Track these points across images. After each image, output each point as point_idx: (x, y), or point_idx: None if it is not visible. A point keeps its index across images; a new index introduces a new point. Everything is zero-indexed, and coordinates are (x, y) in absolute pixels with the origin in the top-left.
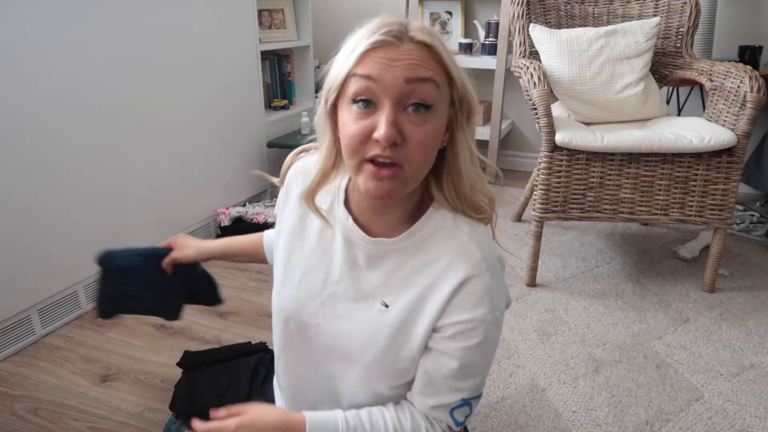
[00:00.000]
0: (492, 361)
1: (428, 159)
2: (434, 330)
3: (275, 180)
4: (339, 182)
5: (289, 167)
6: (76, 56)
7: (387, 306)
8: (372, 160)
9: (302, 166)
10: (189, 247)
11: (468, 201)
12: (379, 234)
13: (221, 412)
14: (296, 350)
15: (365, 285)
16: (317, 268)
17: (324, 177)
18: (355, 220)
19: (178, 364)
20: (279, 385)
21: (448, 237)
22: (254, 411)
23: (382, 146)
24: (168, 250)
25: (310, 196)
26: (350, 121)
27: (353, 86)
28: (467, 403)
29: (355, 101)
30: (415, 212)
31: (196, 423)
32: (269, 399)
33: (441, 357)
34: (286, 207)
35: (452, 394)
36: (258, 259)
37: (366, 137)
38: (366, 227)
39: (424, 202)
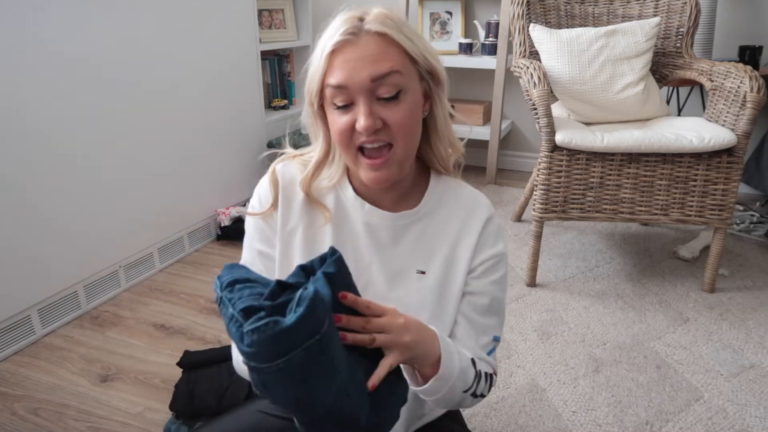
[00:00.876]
0: (506, 299)
1: (413, 134)
2: (469, 273)
3: (267, 210)
4: (332, 180)
5: (276, 185)
6: (76, 57)
7: (423, 272)
8: (363, 150)
9: (290, 176)
10: None
11: (447, 158)
12: (395, 209)
13: (363, 299)
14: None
15: (395, 261)
16: (345, 260)
17: (318, 167)
18: (375, 203)
19: (178, 364)
20: None
21: (456, 194)
22: (399, 312)
23: (366, 134)
24: None
25: (307, 185)
26: (336, 120)
27: (329, 94)
28: (497, 339)
29: (335, 105)
30: (415, 179)
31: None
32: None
33: (473, 297)
34: (290, 220)
35: (486, 335)
36: None
37: (352, 129)
38: (381, 206)
39: (417, 167)
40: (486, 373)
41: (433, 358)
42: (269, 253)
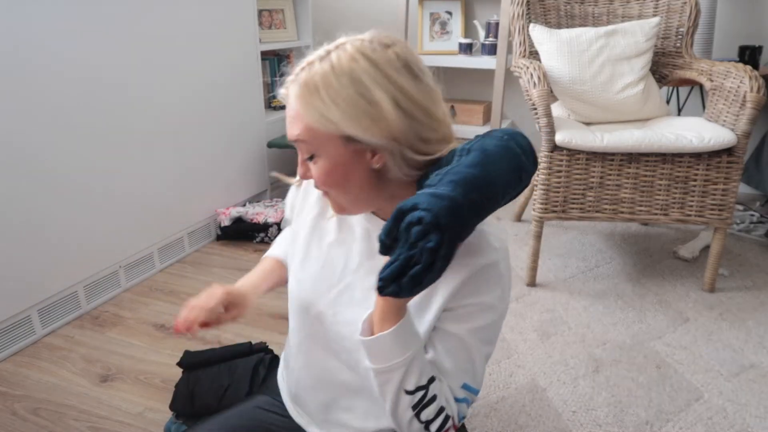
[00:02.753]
0: (489, 357)
1: (340, 185)
2: (445, 310)
3: (294, 180)
4: None
5: None
6: (76, 57)
7: None
8: None
9: None
10: (246, 300)
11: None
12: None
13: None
14: (316, 342)
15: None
16: (336, 259)
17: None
18: (374, 212)
19: (178, 364)
20: (292, 379)
21: None
22: None
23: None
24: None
25: None
26: None
27: None
28: (465, 399)
29: None
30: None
31: None
32: (270, 398)
33: (444, 335)
34: (305, 207)
35: (454, 379)
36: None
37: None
38: (384, 215)
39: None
40: (441, 407)
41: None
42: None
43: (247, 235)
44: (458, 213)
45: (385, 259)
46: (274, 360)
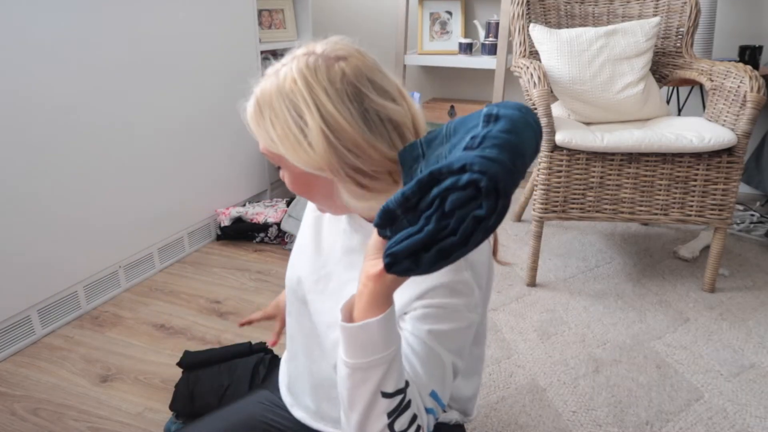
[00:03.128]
0: (456, 374)
1: (308, 195)
2: (405, 312)
3: None
4: None
5: None
6: (76, 57)
7: None
8: None
9: None
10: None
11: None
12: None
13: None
14: (302, 325)
15: (358, 269)
16: (320, 248)
17: None
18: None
19: (179, 364)
20: (289, 368)
21: None
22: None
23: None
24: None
25: None
26: None
27: None
28: (435, 398)
29: None
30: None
31: None
32: (270, 392)
33: (407, 337)
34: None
35: (426, 384)
36: None
37: None
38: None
39: None
40: (414, 414)
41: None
42: None
43: (247, 235)
44: (513, 179)
45: (362, 260)
46: (274, 360)
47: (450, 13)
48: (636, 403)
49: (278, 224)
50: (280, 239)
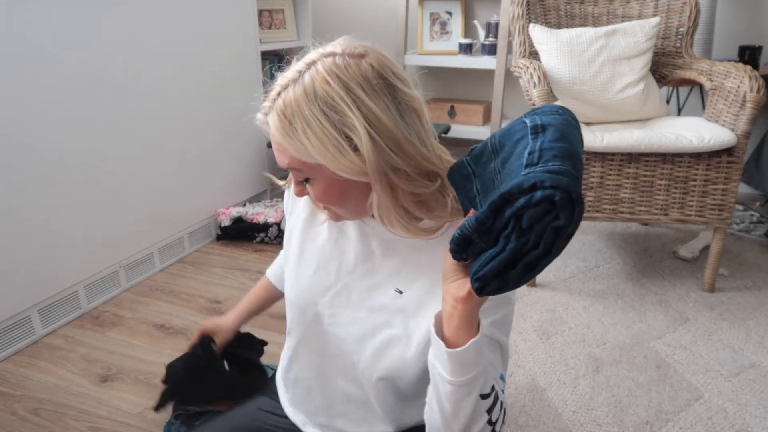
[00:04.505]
0: (508, 341)
1: (340, 203)
2: None
3: (282, 183)
4: None
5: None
6: (76, 57)
7: (401, 292)
8: None
9: None
10: (225, 328)
11: (409, 225)
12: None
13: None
14: (313, 344)
15: (379, 273)
16: (330, 259)
17: None
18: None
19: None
20: (290, 380)
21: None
22: None
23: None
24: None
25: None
26: None
27: None
28: (501, 378)
29: None
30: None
31: None
32: (270, 398)
33: None
34: (297, 205)
35: (497, 371)
36: (275, 298)
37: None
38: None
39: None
40: (501, 401)
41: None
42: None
43: (247, 235)
44: (580, 184)
45: (383, 265)
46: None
47: (450, 13)
48: (636, 403)
49: (278, 224)
50: (280, 239)
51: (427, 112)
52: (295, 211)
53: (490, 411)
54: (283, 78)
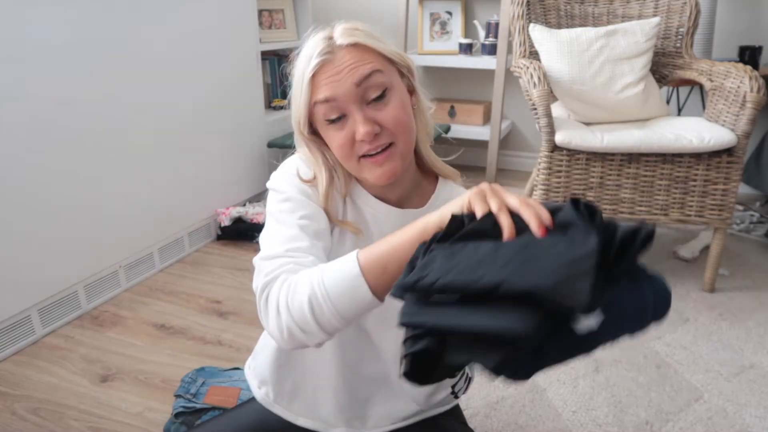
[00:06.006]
0: None
1: (410, 127)
2: None
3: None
4: (341, 192)
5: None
6: (75, 56)
7: None
8: (366, 155)
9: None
10: None
11: (434, 159)
12: (401, 206)
13: None
14: (348, 348)
15: None
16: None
17: (328, 193)
18: (387, 203)
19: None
20: (288, 392)
21: (447, 190)
22: None
23: (368, 141)
24: None
25: (326, 208)
26: (333, 136)
27: (320, 112)
28: None
29: (329, 121)
30: (420, 180)
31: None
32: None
33: None
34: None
35: None
36: None
37: (352, 141)
38: (388, 203)
39: (421, 170)
40: (466, 374)
41: None
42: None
43: (247, 235)
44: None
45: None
46: None
47: (450, 13)
48: (636, 403)
49: None
50: None
51: None
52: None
53: (454, 385)
54: (317, 37)
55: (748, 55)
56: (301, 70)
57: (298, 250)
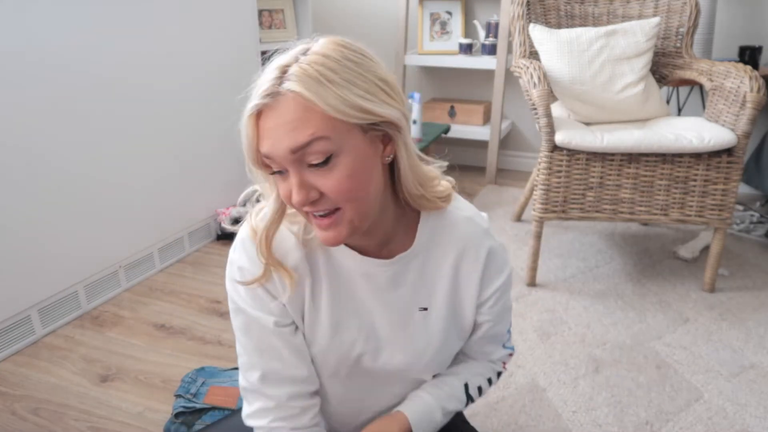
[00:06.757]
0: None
1: (360, 194)
2: (479, 305)
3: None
4: (300, 236)
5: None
6: (75, 56)
7: (426, 309)
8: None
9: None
10: None
11: (421, 197)
12: (388, 254)
13: None
14: (351, 385)
15: (397, 303)
16: (345, 312)
17: (272, 224)
18: (360, 251)
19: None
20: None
21: (450, 225)
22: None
23: (306, 206)
24: None
25: (265, 250)
26: (279, 185)
27: (264, 159)
28: (508, 331)
29: (271, 170)
30: (400, 219)
31: None
32: None
33: (491, 321)
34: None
35: (502, 336)
36: None
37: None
38: (371, 253)
39: (400, 203)
40: (479, 387)
41: None
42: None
43: None
44: None
45: (398, 294)
46: None
47: (450, 13)
48: (636, 403)
49: None
50: None
51: None
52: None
53: (466, 405)
54: (275, 64)
55: (748, 55)
56: (249, 103)
57: (275, 388)
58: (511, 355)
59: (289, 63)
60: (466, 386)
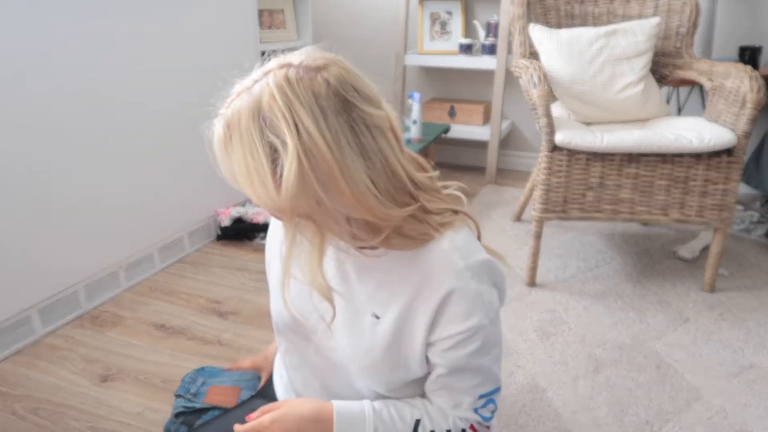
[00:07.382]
0: (501, 353)
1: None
2: (429, 344)
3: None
4: None
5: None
6: (75, 55)
7: (378, 317)
8: None
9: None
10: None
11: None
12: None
13: (255, 412)
14: (311, 363)
15: (356, 298)
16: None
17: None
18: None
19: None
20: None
21: (426, 250)
22: (287, 405)
23: None
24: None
25: None
26: None
27: None
28: (490, 400)
29: None
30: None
31: (237, 426)
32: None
33: (447, 367)
34: (277, 230)
35: (467, 395)
36: None
37: None
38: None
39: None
40: (448, 431)
41: None
42: None
43: (247, 235)
44: None
45: (359, 289)
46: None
47: (450, 13)
48: (636, 403)
49: None
50: None
51: (397, 130)
52: (275, 234)
53: None
54: (240, 85)
55: (748, 56)
56: None
57: None
58: (482, 424)
59: (240, 92)
60: (418, 422)
